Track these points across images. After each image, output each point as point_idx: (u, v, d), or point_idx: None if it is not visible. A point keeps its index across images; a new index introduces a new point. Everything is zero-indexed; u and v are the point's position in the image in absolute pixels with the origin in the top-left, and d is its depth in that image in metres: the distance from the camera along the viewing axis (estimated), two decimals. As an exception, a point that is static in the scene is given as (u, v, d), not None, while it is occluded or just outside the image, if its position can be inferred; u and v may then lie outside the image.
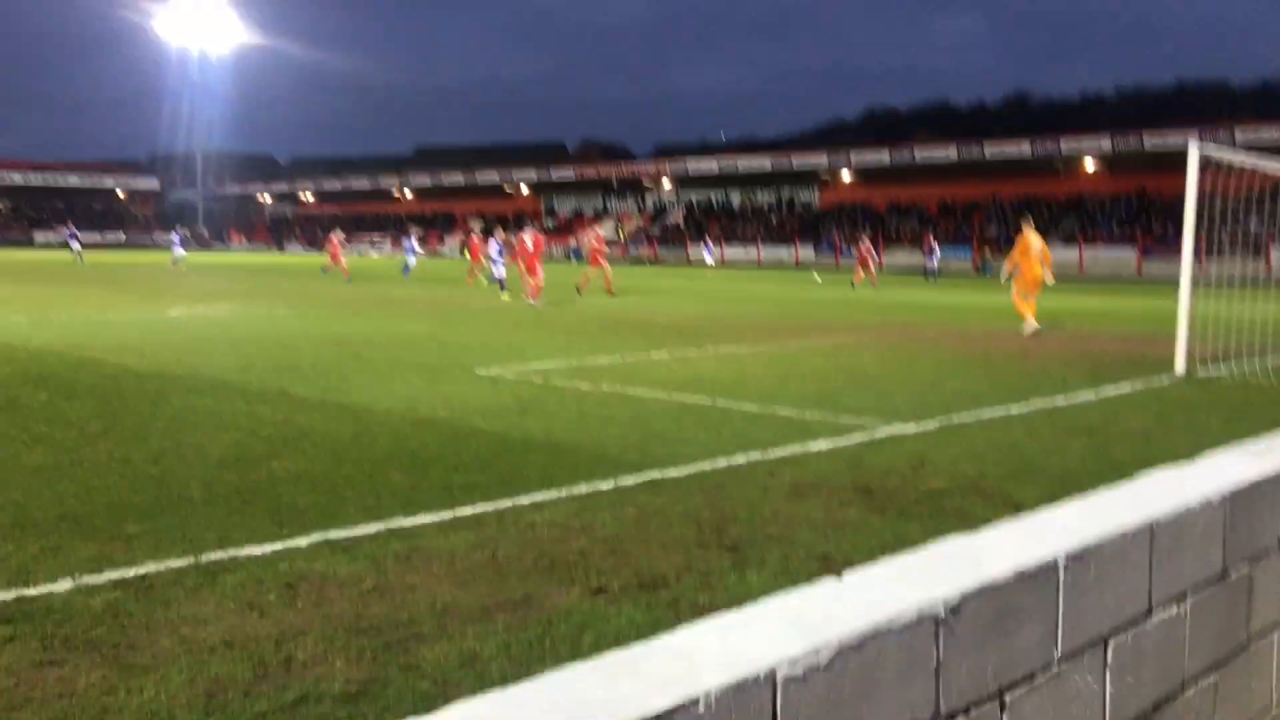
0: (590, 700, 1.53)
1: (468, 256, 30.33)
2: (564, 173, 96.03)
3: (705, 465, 7.42)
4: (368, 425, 8.90)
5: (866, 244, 40.34)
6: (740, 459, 7.64)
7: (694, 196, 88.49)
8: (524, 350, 15.03)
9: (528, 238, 26.66)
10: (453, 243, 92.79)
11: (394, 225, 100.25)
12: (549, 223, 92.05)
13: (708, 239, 67.71)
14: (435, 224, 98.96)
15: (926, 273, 45.40)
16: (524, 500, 6.36)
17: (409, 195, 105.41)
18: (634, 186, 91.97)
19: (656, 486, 6.80)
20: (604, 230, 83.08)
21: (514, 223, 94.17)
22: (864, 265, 38.77)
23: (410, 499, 6.38)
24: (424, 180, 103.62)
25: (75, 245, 52.34)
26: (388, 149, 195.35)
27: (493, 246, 29.66)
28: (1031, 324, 18.39)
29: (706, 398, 10.58)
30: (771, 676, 1.67)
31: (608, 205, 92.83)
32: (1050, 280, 19.04)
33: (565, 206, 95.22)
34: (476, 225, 34.78)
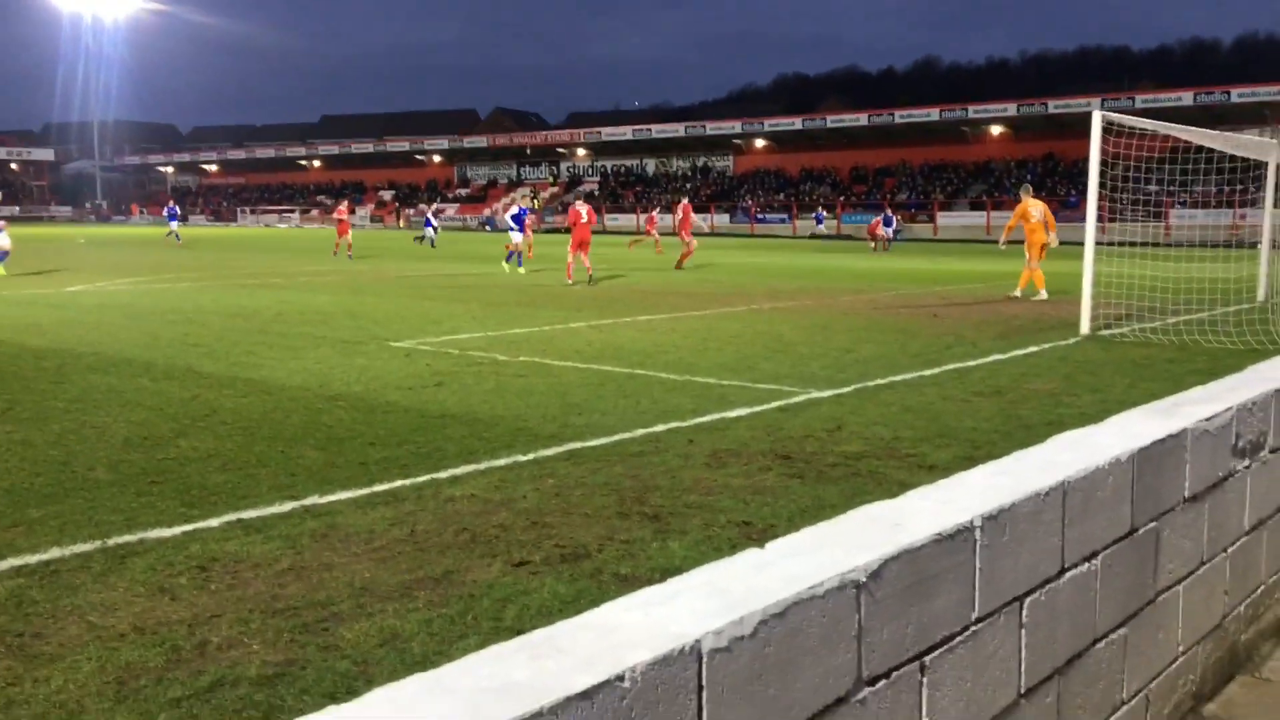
0: (515, 680, 1.51)
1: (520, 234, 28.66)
2: (476, 141, 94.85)
3: (625, 435, 7.42)
4: (279, 401, 8.71)
5: (652, 215, 40.06)
6: (660, 428, 7.65)
7: (609, 164, 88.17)
8: (440, 322, 14.85)
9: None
10: (363, 212, 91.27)
11: (302, 196, 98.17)
12: (462, 192, 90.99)
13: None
14: (344, 193, 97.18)
15: (877, 241, 40.58)
16: (442, 475, 6.29)
17: (317, 164, 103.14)
18: (548, 155, 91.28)
19: (576, 457, 6.78)
20: (523, 202, 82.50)
21: (426, 191, 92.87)
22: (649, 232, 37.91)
23: (325, 476, 6.27)
24: (332, 149, 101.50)
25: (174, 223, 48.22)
26: (294, 118, 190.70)
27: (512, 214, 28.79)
28: (1042, 293, 18.11)
29: (625, 367, 10.58)
30: (696, 649, 1.66)
31: (521, 174, 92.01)
32: (1054, 243, 18.77)
33: (479, 175, 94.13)
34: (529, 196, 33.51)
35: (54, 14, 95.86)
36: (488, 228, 72.48)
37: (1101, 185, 13.58)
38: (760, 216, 69.91)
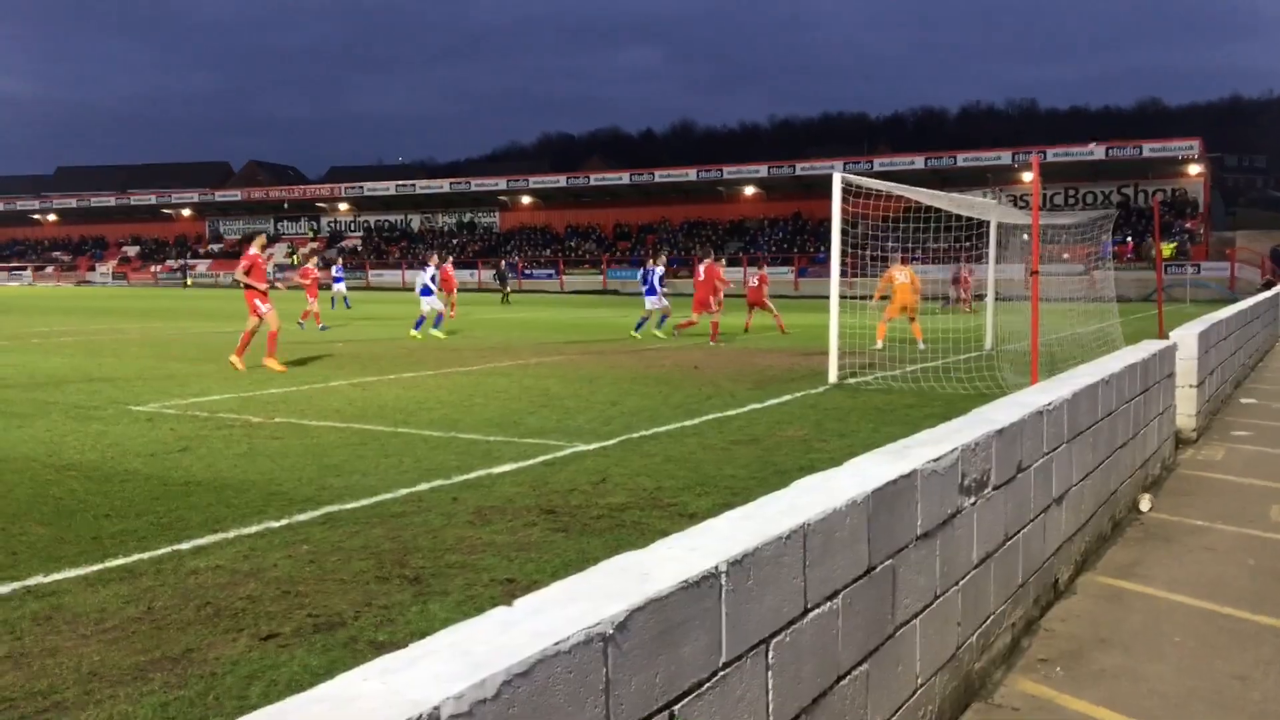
0: (234, 766, 1.41)
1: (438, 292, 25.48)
2: (230, 194, 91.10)
3: (385, 496, 7.20)
4: (1, 474, 7.96)
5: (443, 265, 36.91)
6: (422, 487, 7.48)
7: (372, 219, 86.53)
8: (187, 383, 14.04)
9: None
10: (104, 269, 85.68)
11: (35, 252, 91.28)
12: (215, 248, 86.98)
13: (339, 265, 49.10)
14: (83, 249, 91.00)
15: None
16: (185, 546, 5.90)
17: (52, 218, 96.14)
18: (308, 209, 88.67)
19: (333, 521, 6.52)
20: (277, 257, 79.48)
21: (175, 246, 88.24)
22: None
23: (52, 553, 5.76)
24: (69, 202, 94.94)
25: None
26: (26, 169, 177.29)
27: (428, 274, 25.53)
28: (878, 344, 18.41)
29: (387, 426, 10.31)
30: (435, 715, 1.60)
31: (279, 229, 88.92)
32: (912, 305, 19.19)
33: (233, 230, 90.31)
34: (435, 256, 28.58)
35: None
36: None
37: (845, 243, 14.43)
38: (527, 272, 70.32)
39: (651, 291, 27.47)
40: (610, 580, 2.20)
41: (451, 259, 30.86)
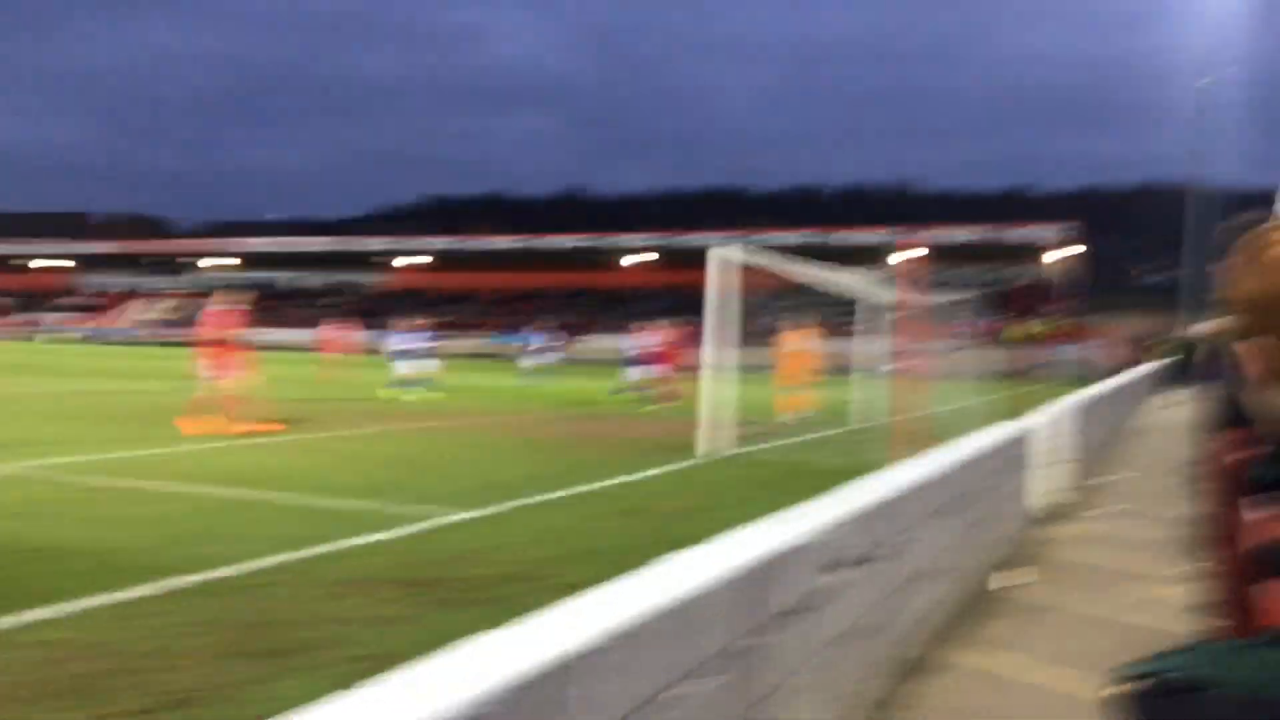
0: None
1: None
2: (93, 246, 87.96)
3: (242, 566, 6.90)
4: None
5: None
6: (282, 557, 7.18)
7: (244, 276, 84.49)
8: (30, 441, 13.32)
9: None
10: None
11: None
12: (75, 300, 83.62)
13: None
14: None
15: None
16: (19, 620, 5.52)
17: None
18: (174, 263, 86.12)
19: (186, 593, 6.20)
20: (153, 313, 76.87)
21: (27, 298, 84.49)
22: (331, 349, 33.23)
23: None
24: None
25: None
26: None
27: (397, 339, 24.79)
28: (782, 415, 18.70)
29: (247, 490, 9.93)
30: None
31: (142, 283, 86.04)
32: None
33: (95, 282, 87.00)
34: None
35: None
36: (93, 339, 66.82)
37: (722, 315, 14.64)
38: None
39: (534, 353, 27.60)
40: (456, 666, 2.12)
41: (332, 320, 30.13)
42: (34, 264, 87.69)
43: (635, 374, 23.65)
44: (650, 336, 24.20)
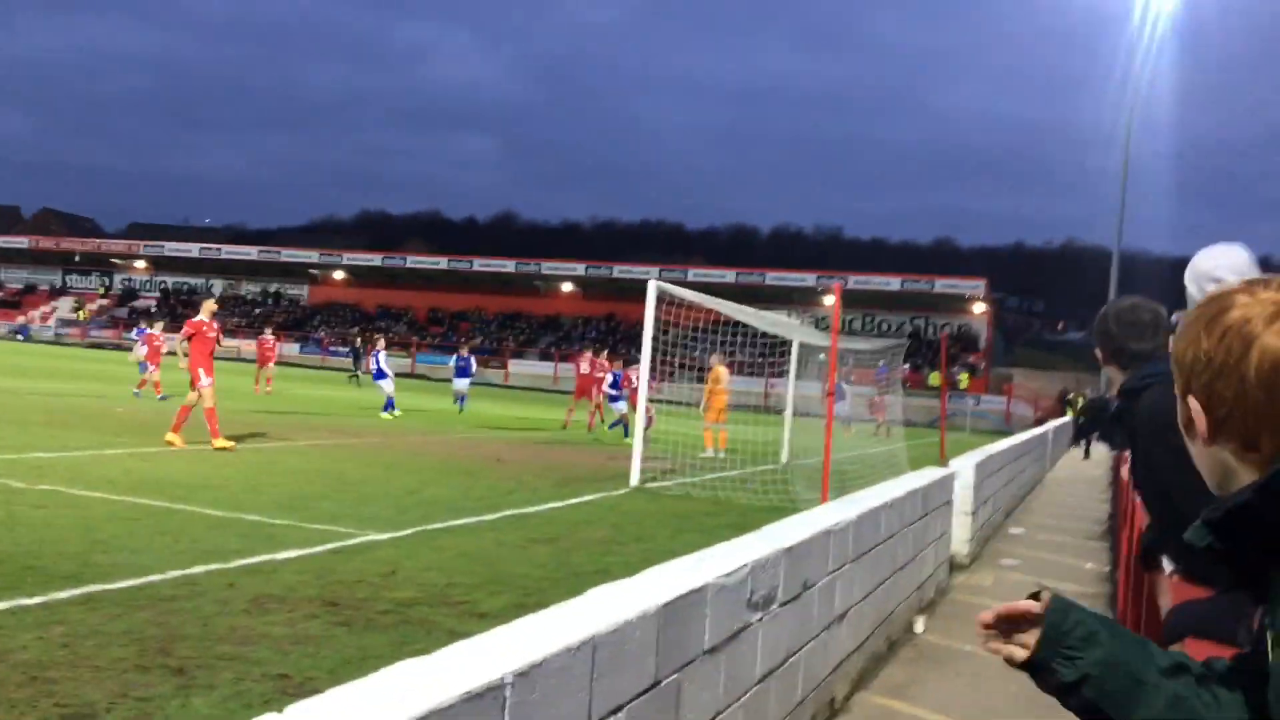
0: None
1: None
2: (16, 241, 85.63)
3: (155, 577, 6.77)
4: None
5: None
6: (197, 569, 7.06)
7: (171, 280, 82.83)
8: (-57, 440, 12.91)
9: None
10: None
11: None
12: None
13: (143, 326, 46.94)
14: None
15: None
16: (-79, 621, 5.37)
17: None
18: (101, 264, 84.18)
19: (95, 601, 6.06)
20: (62, 311, 74.95)
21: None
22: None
23: None
24: None
25: None
26: None
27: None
28: (706, 450, 18.55)
29: (165, 500, 9.74)
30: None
31: (67, 281, 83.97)
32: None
33: (16, 279, 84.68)
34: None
35: None
36: (20, 337, 64.93)
37: (656, 348, 14.74)
38: (333, 349, 68.47)
39: (462, 374, 27.44)
40: (392, 688, 2.13)
41: (270, 330, 29.10)
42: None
43: (620, 406, 23.52)
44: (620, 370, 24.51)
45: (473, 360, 29.02)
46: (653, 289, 14.51)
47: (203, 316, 15.28)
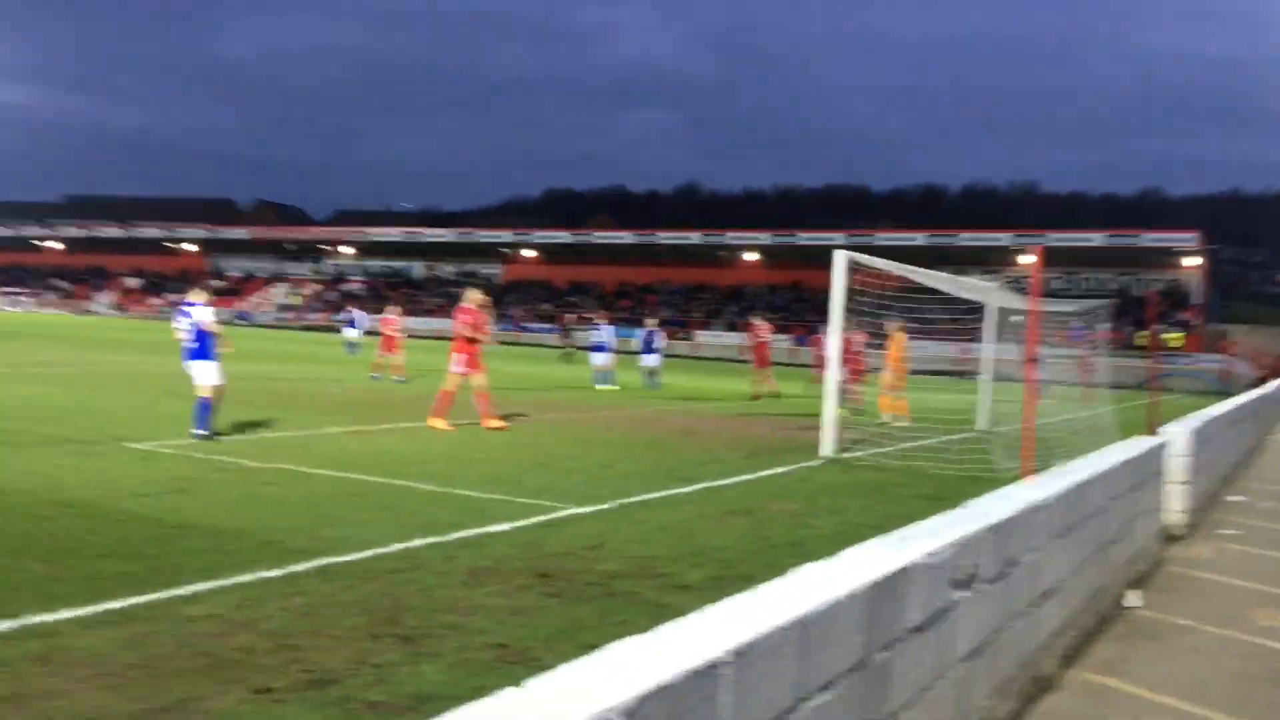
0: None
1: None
2: (236, 232, 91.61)
3: (380, 550, 7.25)
4: (1, 508, 8.01)
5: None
6: (417, 543, 7.52)
7: (376, 264, 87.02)
8: (183, 422, 14.08)
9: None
10: (105, 299, 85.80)
11: (38, 279, 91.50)
12: (215, 284, 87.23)
13: (351, 308, 43.49)
14: (85, 278, 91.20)
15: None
16: (180, 592, 5.94)
17: (58, 246, 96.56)
18: (312, 251, 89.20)
19: (328, 574, 6.56)
20: (279, 297, 79.74)
21: (176, 280, 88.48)
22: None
23: (49, 592, 5.80)
24: (75, 232, 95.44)
25: None
26: (35, 196, 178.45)
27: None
28: (884, 416, 18.50)
29: (383, 477, 10.36)
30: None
31: (283, 269, 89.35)
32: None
33: (235, 267, 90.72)
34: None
35: None
36: (241, 321, 69.52)
37: (844, 317, 14.59)
38: (525, 326, 70.51)
39: (649, 350, 27.65)
40: (619, 664, 2.28)
41: (400, 309, 28.16)
42: (187, 247, 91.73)
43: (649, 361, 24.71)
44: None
45: (659, 335, 28.99)
46: (840, 259, 14.35)
47: (472, 306, 15.76)
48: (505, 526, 8.28)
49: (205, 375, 12.77)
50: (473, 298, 16.12)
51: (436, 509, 8.90)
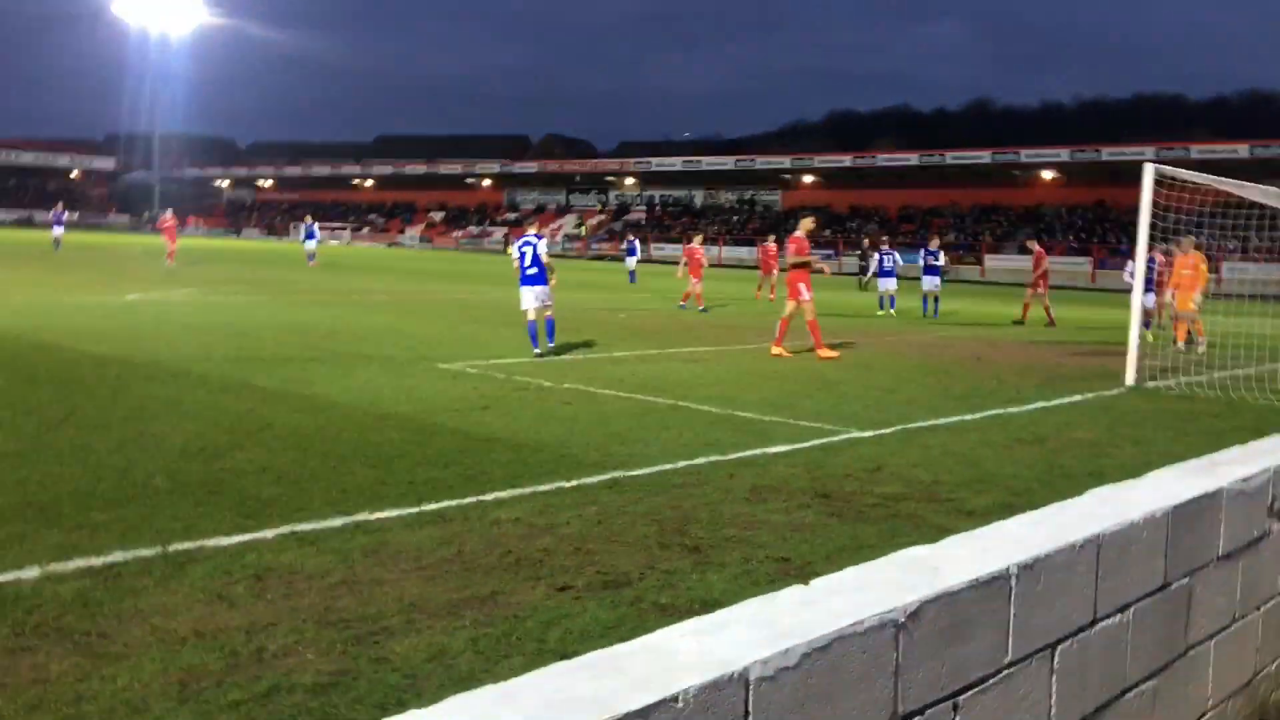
0: (579, 696, 1.64)
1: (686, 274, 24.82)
2: (527, 167, 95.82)
3: (666, 466, 7.54)
4: (331, 418, 8.93)
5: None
6: (700, 460, 7.76)
7: (657, 194, 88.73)
8: (486, 345, 15.07)
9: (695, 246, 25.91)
10: (413, 232, 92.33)
11: (354, 213, 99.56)
12: (510, 216, 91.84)
13: (629, 238, 45.45)
14: (395, 213, 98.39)
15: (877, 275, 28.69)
16: (488, 497, 6.45)
17: (370, 184, 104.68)
18: (597, 182, 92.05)
19: (618, 486, 6.91)
20: (566, 228, 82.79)
21: (475, 214, 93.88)
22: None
23: (375, 494, 6.45)
24: (385, 170, 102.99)
25: (57, 229, 44.36)
26: (350, 136, 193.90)
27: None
28: (1178, 344, 17.62)
29: (667, 398, 10.71)
30: (744, 676, 1.79)
31: (570, 200, 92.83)
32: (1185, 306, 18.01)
33: (527, 200, 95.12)
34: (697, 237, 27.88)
35: (120, 27, 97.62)
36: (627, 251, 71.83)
37: (1151, 236, 13.57)
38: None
39: (931, 271, 26.69)
40: (901, 571, 2.31)
41: (700, 237, 28.36)
42: (484, 182, 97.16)
43: (1149, 301, 19.25)
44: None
45: (942, 255, 27.92)
46: (1149, 172, 13.30)
47: (802, 234, 15.93)
48: (785, 448, 8.38)
49: (543, 298, 14.15)
50: (804, 226, 16.22)
51: (718, 430, 9.12)
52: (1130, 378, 13.19)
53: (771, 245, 30.77)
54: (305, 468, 7.09)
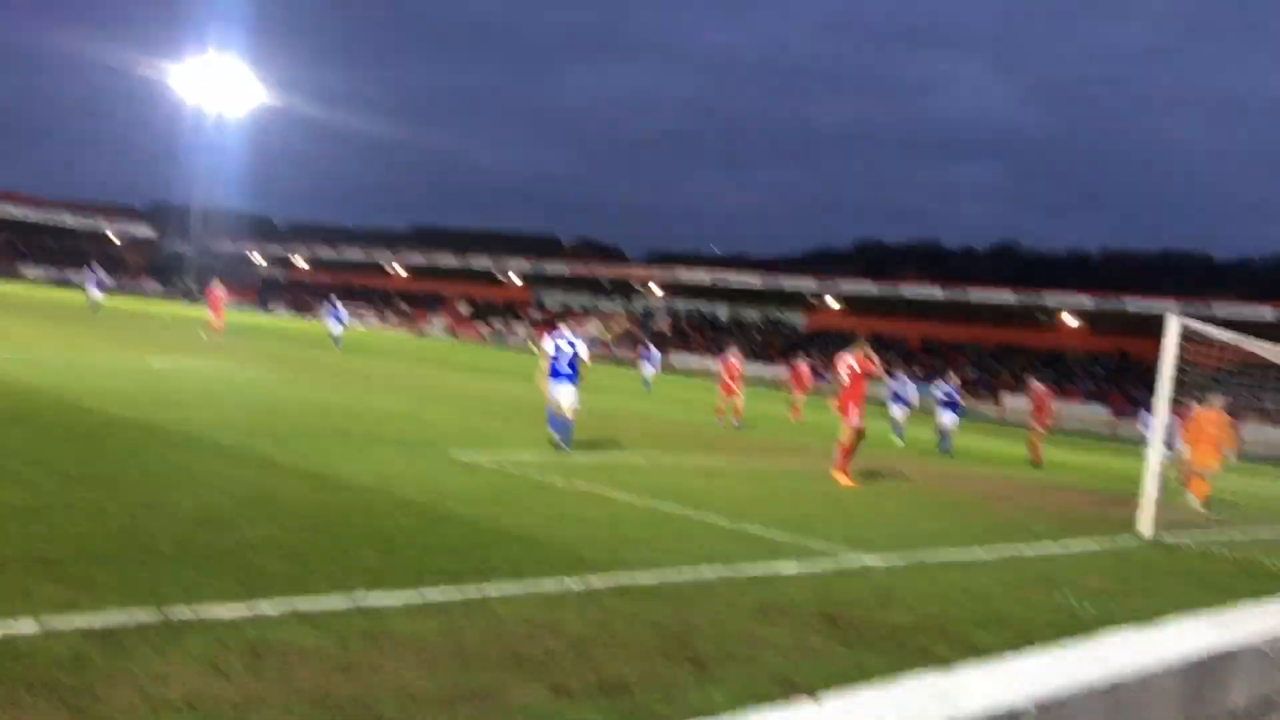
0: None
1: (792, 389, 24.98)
2: (557, 267, 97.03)
3: (673, 575, 7.47)
4: (343, 498, 8.91)
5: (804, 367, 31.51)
6: (708, 573, 7.69)
7: (682, 305, 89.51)
8: (501, 438, 15.08)
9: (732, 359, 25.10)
10: (438, 322, 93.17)
11: (384, 300, 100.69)
12: (536, 315, 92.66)
13: (648, 346, 44.47)
14: (423, 302, 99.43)
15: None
16: (493, 591, 6.39)
17: (401, 272, 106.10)
18: (624, 288, 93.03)
19: (624, 591, 6.84)
20: (594, 330, 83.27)
21: (502, 309, 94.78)
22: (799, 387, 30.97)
23: (380, 578, 6.40)
24: (418, 259, 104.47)
25: (95, 291, 43.34)
26: (388, 222, 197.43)
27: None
28: (1194, 502, 17.13)
29: (679, 506, 10.65)
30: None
31: (596, 304, 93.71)
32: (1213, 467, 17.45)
33: (554, 301, 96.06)
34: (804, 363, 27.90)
35: (177, 103, 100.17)
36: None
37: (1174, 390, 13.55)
38: (825, 376, 70.05)
39: (950, 407, 26.50)
40: (913, 696, 2.28)
41: (736, 348, 28.03)
42: (513, 279, 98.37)
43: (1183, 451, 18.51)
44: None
45: (958, 393, 27.47)
46: (1172, 323, 13.36)
47: (857, 355, 15.17)
48: (795, 568, 8.30)
49: (573, 397, 14.41)
50: (862, 346, 15.43)
51: (727, 543, 9.05)
52: (1147, 530, 13.04)
53: (803, 365, 30.83)
54: (312, 545, 7.06)
